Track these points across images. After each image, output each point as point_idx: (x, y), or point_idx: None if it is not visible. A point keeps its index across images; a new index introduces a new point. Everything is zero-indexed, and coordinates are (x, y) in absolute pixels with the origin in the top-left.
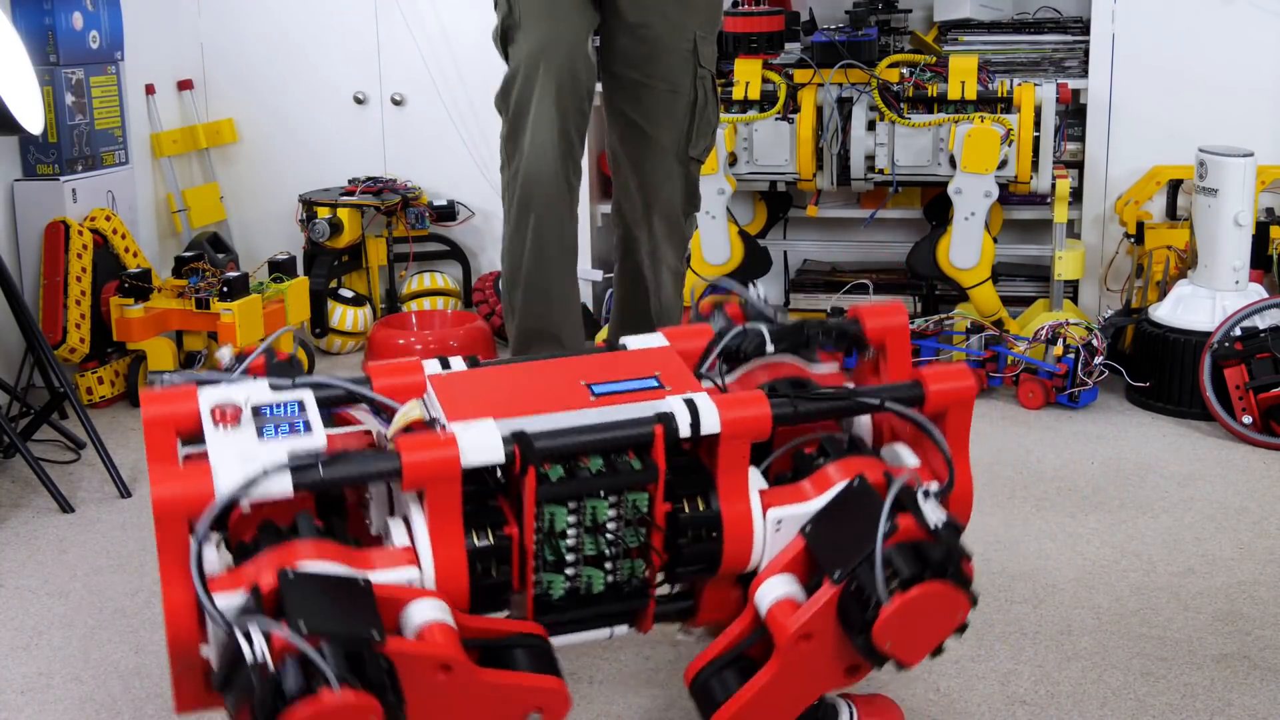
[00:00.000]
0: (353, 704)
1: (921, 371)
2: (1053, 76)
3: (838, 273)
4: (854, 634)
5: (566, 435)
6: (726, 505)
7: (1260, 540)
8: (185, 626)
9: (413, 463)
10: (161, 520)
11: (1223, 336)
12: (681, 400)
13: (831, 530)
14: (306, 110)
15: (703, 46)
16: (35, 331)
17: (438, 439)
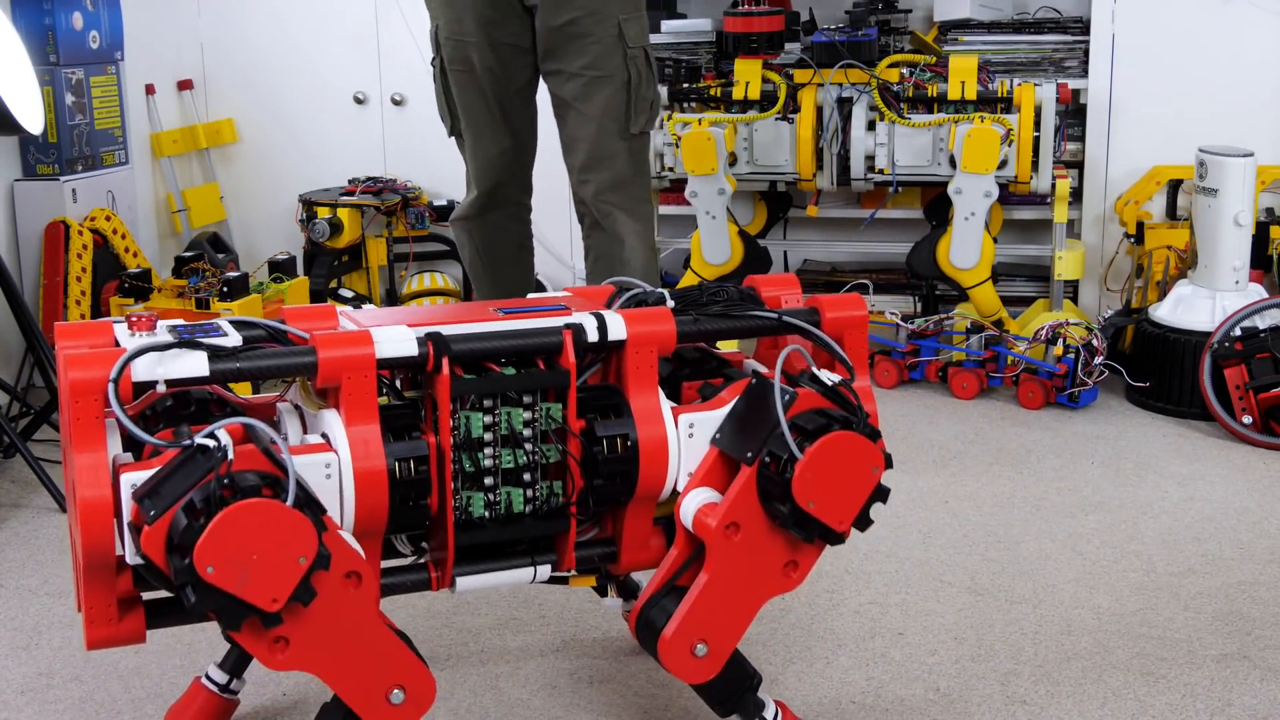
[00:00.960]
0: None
1: (817, 299)
2: (1053, 76)
3: (838, 273)
4: (778, 505)
5: (478, 339)
6: (639, 413)
7: (1260, 540)
8: (100, 517)
9: (330, 357)
10: (77, 399)
11: (1223, 336)
12: (588, 315)
13: (739, 427)
14: (306, 110)
15: (628, 28)
16: (35, 331)
17: (350, 336)
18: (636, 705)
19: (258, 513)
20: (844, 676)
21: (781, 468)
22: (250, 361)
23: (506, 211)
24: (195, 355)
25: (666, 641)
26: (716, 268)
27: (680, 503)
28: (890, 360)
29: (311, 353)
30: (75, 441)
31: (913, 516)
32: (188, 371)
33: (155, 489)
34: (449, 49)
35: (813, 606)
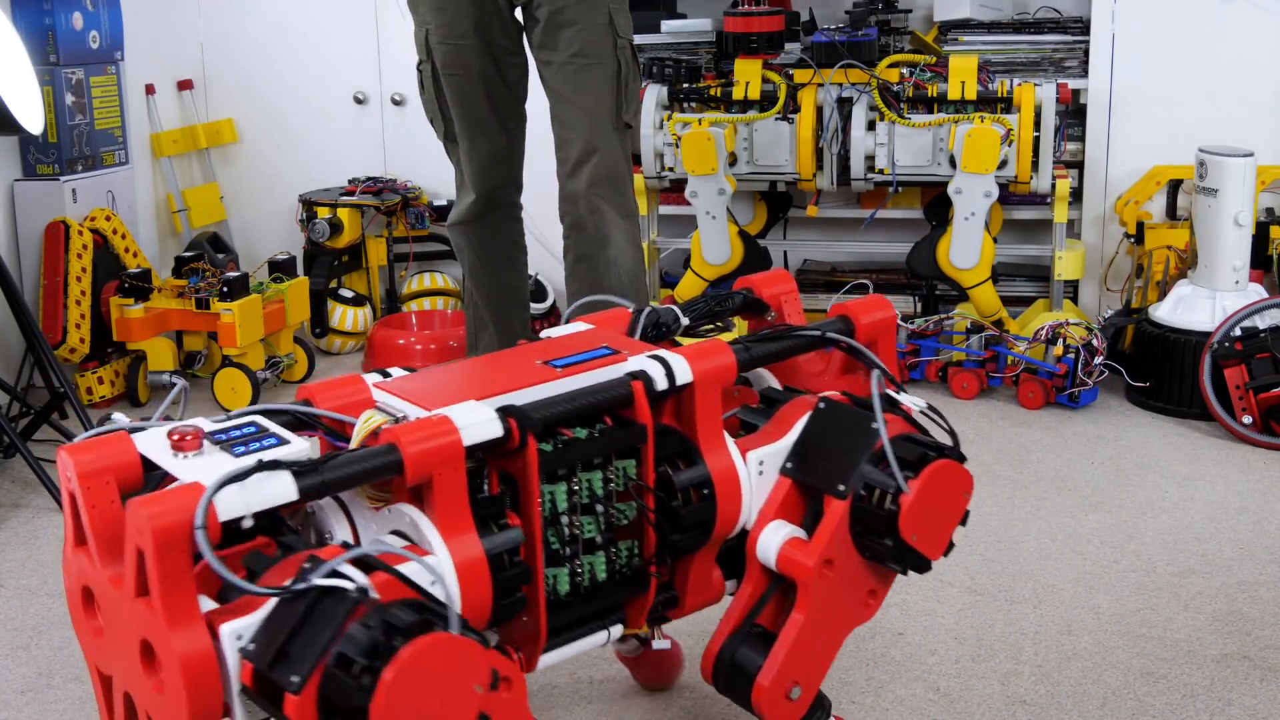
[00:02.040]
0: (472, 647)
1: (846, 306)
2: (1053, 76)
3: (838, 273)
4: (878, 539)
5: (553, 404)
6: (711, 457)
7: (1260, 540)
8: (208, 679)
9: (416, 452)
10: (162, 548)
11: (1223, 336)
12: (646, 357)
13: (815, 456)
14: (306, 110)
15: (617, 17)
16: (35, 331)
17: (430, 424)
18: (637, 705)
19: (432, 653)
20: (844, 676)
21: (881, 500)
22: (335, 473)
23: (503, 213)
24: (280, 478)
25: (765, 690)
26: (716, 268)
27: (756, 538)
28: None
29: (394, 451)
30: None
31: None
32: (276, 498)
33: (284, 648)
34: (442, 53)
35: None
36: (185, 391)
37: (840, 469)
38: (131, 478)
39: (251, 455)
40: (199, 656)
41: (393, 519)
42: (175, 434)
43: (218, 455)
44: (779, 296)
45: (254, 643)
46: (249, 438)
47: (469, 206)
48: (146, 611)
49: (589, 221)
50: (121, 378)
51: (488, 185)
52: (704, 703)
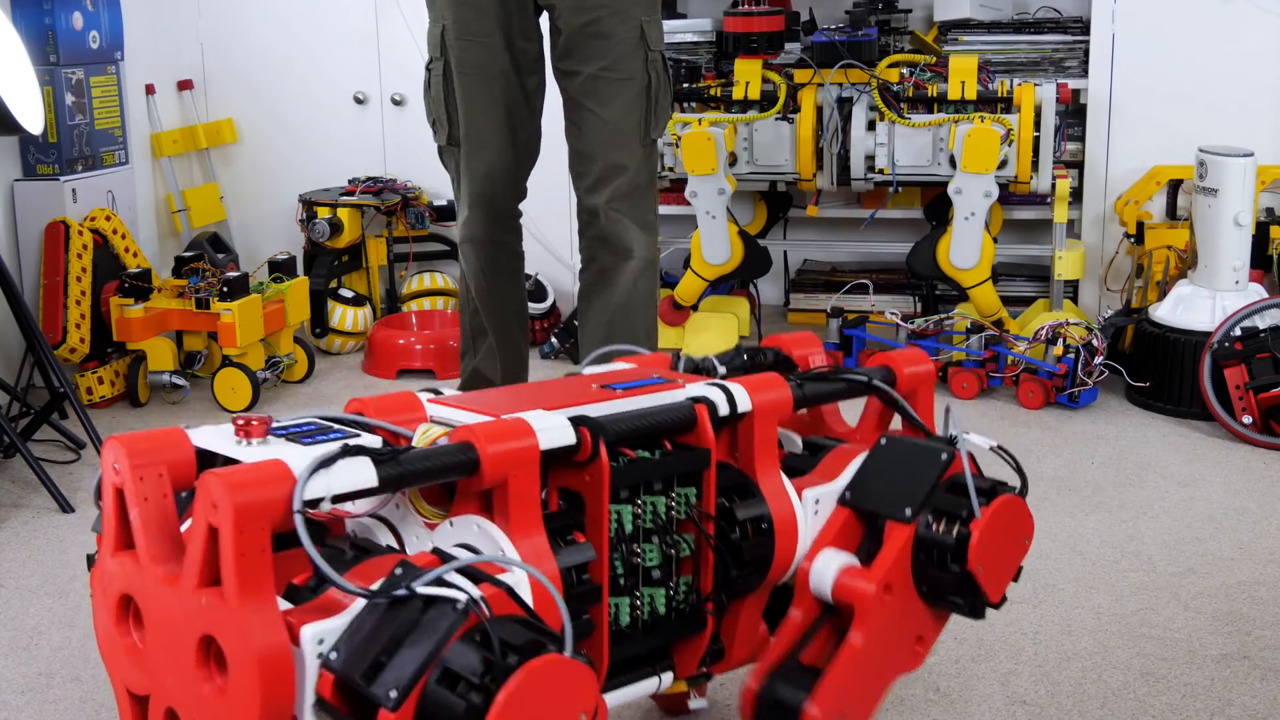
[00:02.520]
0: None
1: (890, 356)
2: (1053, 76)
3: (838, 273)
4: (943, 568)
5: (622, 420)
6: (768, 492)
7: (1260, 540)
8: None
9: (494, 452)
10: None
11: (1223, 336)
12: (705, 384)
13: (876, 485)
14: (306, 110)
15: (649, 30)
16: (35, 331)
17: (506, 425)
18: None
19: (547, 675)
20: None
21: (948, 530)
22: (414, 465)
23: (505, 225)
24: (361, 463)
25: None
26: (716, 268)
27: (810, 566)
28: None
29: (470, 449)
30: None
31: None
32: (358, 483)
33: (378, 659)
34: (459, 50)
35: None
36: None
37: (906, 495)
38: (186, 474)
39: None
40: (276, 653)
41: (455, 533)
42: (241, 420)
43: (285, 445)
44: (807, 356)
45: (337, 650)
46: (313, 432)
47: (475, 221)
48: (214, 602)
49: (609, 236)
50: (121, 378)
51: (489, 195)
52: None
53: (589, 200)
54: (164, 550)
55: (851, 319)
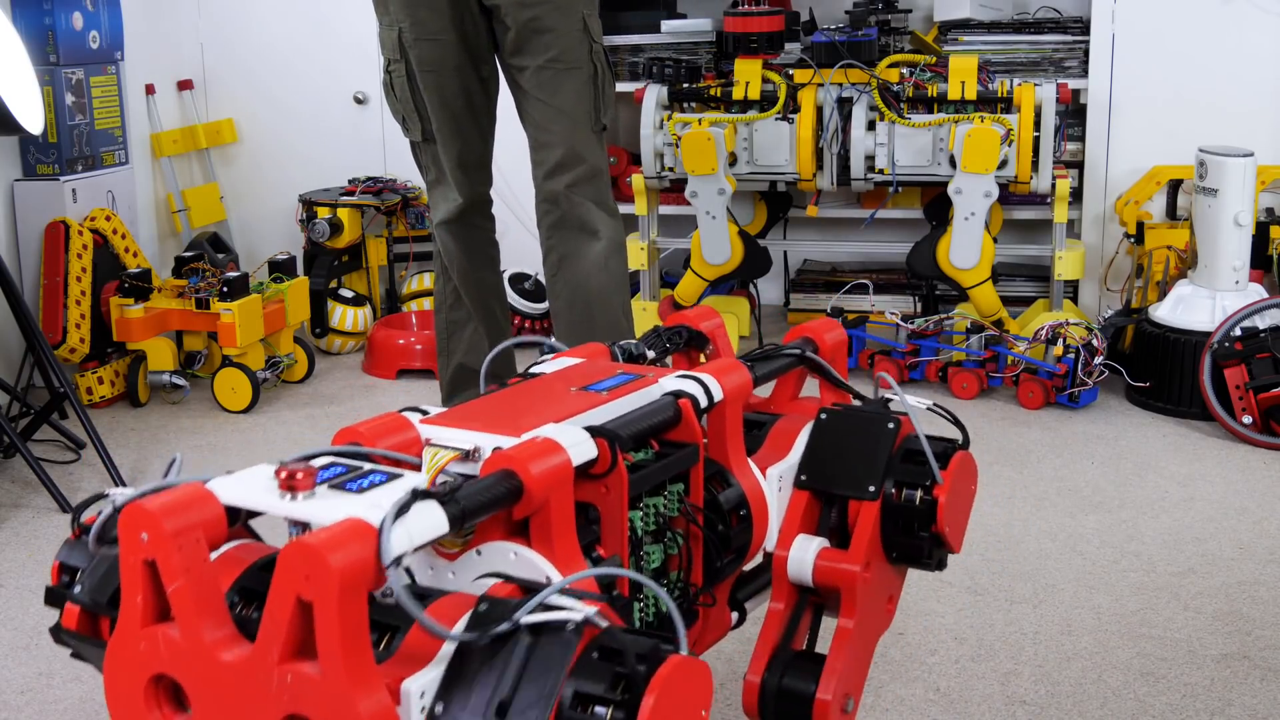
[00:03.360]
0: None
1: (807, 327)
2: (1053, 76)
3: (838, 273)
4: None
5: (624, 426)
6: (740, 477)
7: (1260, 540)
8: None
9: (537, 475)
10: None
11: (1223, 336)
12: (677, 377)
13: (832, 462)
14: (306, 110)
15: (591, 23)
16: (35, 331)
17: (537, 445)
18: None
19: (679, 675)
20: None
21: (911, 499)
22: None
23: (481, 211)
24: (430, 508)
25: (826, 705)
26: (716, 268)
27: (787, 556)
28: (890, 360)
29: (514, 476)
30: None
31: None
32: (433, 530)
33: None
34: (419, 50)
35: None
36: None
37: (864, 472)
38: (219, 533)
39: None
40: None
41: (486, 561)
42: (285, 473)
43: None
44: (712, 330)
45: (441, 702)
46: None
47: (455, 206)
48: (306, 677)
49: (572, 219)
50: (121, 378)
51: (471, 183)
52: None
53: (549, 186)
54: (217, 624)
55: (851, 319)
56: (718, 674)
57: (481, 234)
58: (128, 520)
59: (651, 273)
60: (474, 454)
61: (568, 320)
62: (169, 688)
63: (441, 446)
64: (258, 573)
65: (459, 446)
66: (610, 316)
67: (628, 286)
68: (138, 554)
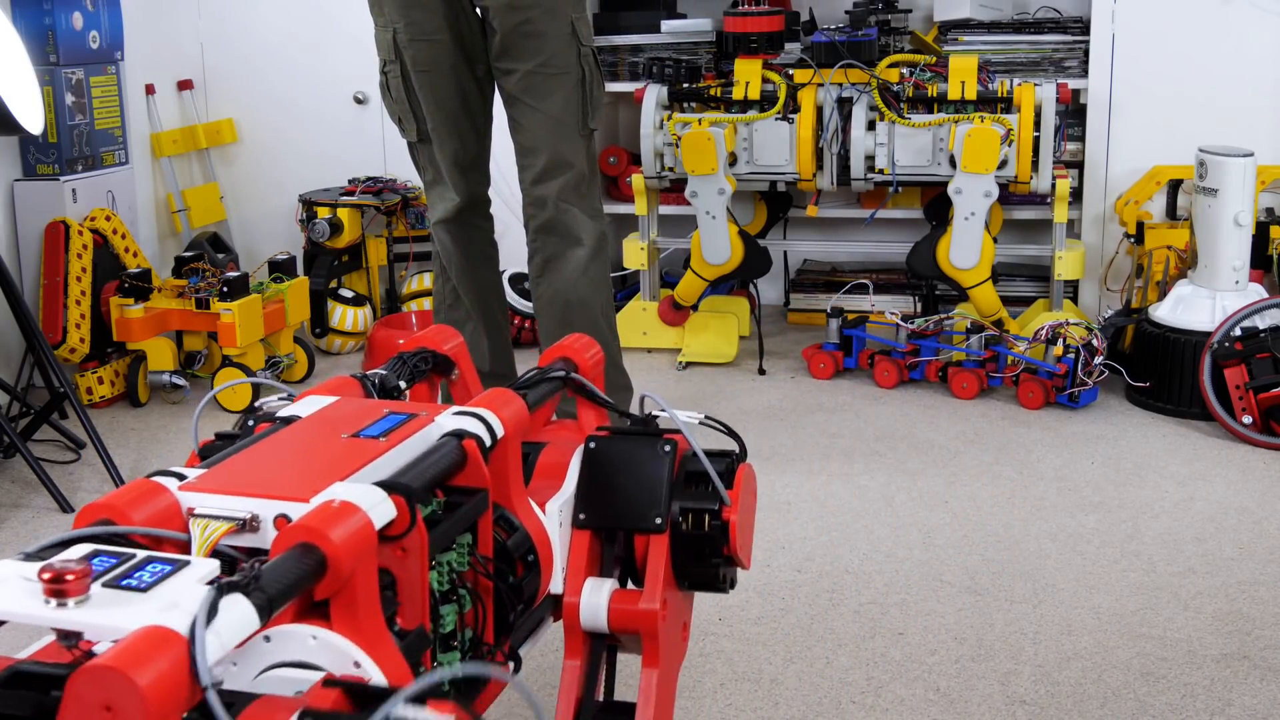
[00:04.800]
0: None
1: (561, 346)
2: (1053, 76)
3: (838, 273)
4: (708, 561)
5: (415, 477)
6: (524, 517)
7: (1260, 540)
8: None
9: (340, 544)
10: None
11: (1223, 336)
12: (453, 414)
13: (608, 498)
14: (306, 110)
15: (579, 26)
16: (35, 331)
17: (331, 509)
18: None
19: None
20: (844, 676)
21: (700, 524)
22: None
23: (479, 210)
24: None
25: None
26: (716, 268)
27: (579, 604)
28: (890, 360)
29: (315, 550)
30: None
31: (913, 516)
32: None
33: None
34: (414, 50)
35: (813, 606)
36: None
37: (647, 502)
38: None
39: (156, 588)
40: None
41: (272, 650)
42: (50, 574)
43: (115, 595)
44: (454, 352)
45: None
46: (127, 568)
47: (452, 205)
48: None
49: (558, 225)
50: (121, 378)
51: (468, 182)
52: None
53: (536, 191)
54: None
55: (851, 319)
56: (717, 673)
57: (480, 233)
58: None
59: (651, 273)
60: (252, 522)
61: (548, 321)
62: None
63: (211, 517)
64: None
65: (233, 516)
66: (589, 319)
67: (608, 288)
68: None
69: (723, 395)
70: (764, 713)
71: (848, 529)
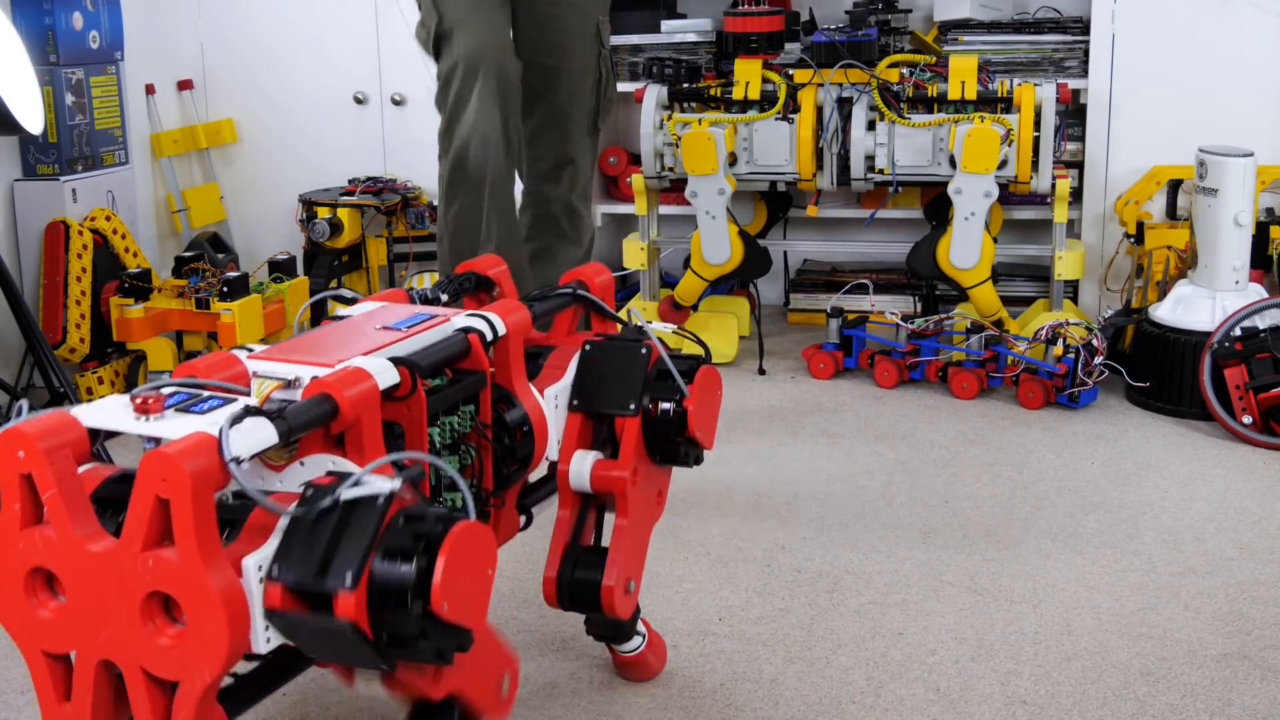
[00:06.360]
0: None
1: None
2: (1053, 76)
3: (838, 273)
4: (673, 441)
5: (423, 356)
6: (523, 399)
7: (1260, 540)
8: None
9: (349, 397)
10: (197, 490)
11: (1223, 336)
12: (467, 316)
13: (596, 388)
14: (306, 110)
15: (603, 29)
16: (35, 331)
17: (349, 373)
18: (637, 705)
19: (467, 535)
20: (844, 676)
21: (669, 408)
22: (296, 419)
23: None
24: (263, 424)
25: (611, 590)
26: (716, 268)
27: (568, 468)
28: (890, 360)
29: (330, 399)
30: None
31: (913, 516)
32: (264, 442)
33: (322, 560)
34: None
35: (813, 606)
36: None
37: (625, 392)
38: (83, 451)
39: (210, 413)
40: (235, 592)
41: (309, 471)
42: (139, 399)
43: (181, 416)
44: (498, 275)
45: (276, 566)
46: (194, 401)
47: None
48: (165, 560)
49: (558, 220)
50: (121, 378)
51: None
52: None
53: (542, 187)
54: (86, 523)
55: (851, 319)
56: (717, 673)
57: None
58: (5, 442)
59: (651, 273)
60: (295, 383)
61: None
62: (44, 578)
63: (267, 377)
64: (112, 485)
65: (282, 376)
66: None
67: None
68: (15, 469)
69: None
70: (764, 713)
71: (848, 529)
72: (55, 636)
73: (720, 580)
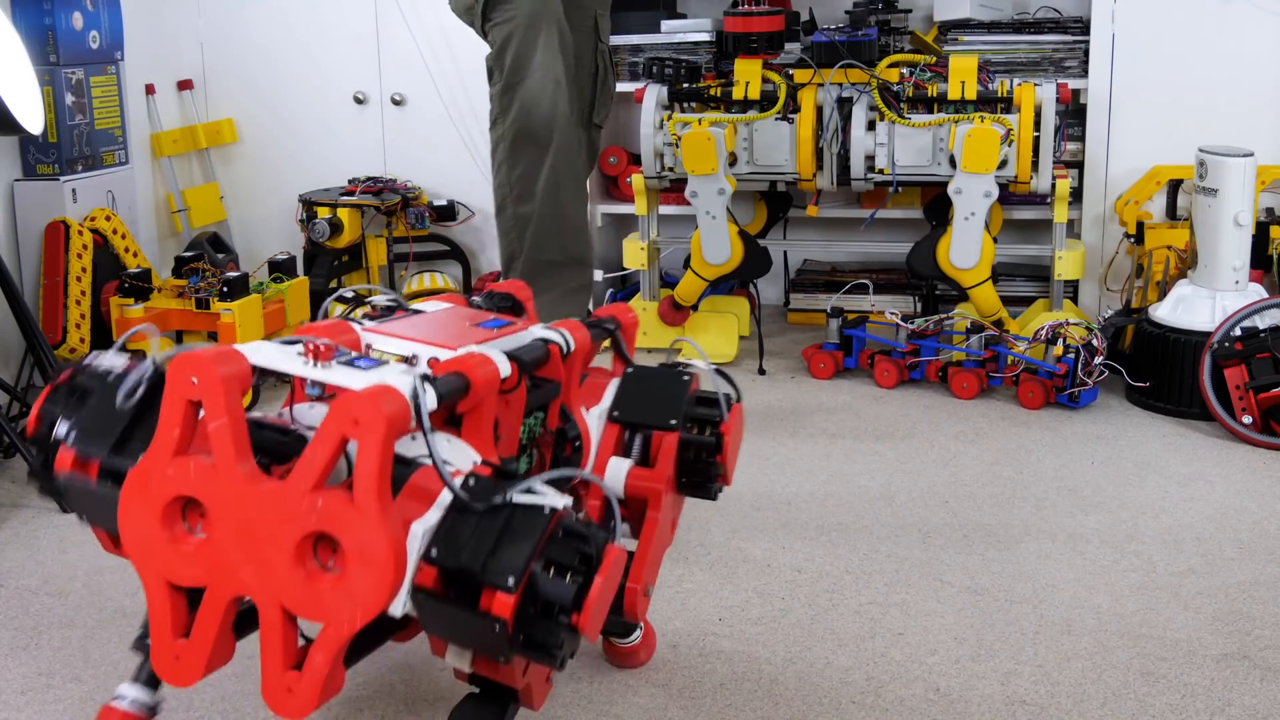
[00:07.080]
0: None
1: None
2: (1053, 76)
3: (838, 273)
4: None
5: (524, 354)
6: (576, 414)
7: (1260, 540)
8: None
9: (479, 377)
10: (389, 436)
11: (1223, 336)
12: (543, 328)
13: (636, 405)
14: (306, 110)
15: (601, 23)
16: (35, 331)
17: (476, 358)
18: (637, 705)
19: (616, 561)
20: (844, 676)
21: (704, 433)
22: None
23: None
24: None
25: (633, 591)
26: (716, 268)
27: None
28: (890, 360)
29: (464, 377)
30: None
31: (913, 516)
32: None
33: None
34: None
35: (813, 606)
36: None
37: (667, 409)
38: (247, 387)
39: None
40: (402, 549)
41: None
42: (312, 347)
43: (349, 369)
44: (525, 299)
45: (436, 547)
46: (353, 358)
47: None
48: (334, 502)
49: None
50: None
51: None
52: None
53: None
54: (248, 457)
55: (851, 319)
56: (717, 673)
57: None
58: (179, 366)
59: (651, 273)
60: (412, 360)
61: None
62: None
63: (384, 351)
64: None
65: (400, 352)
66: None
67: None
68: (185, 394)
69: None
70: (764, 713)
71: (848, 529)
72: (188, 568)
73: (720, 580)
